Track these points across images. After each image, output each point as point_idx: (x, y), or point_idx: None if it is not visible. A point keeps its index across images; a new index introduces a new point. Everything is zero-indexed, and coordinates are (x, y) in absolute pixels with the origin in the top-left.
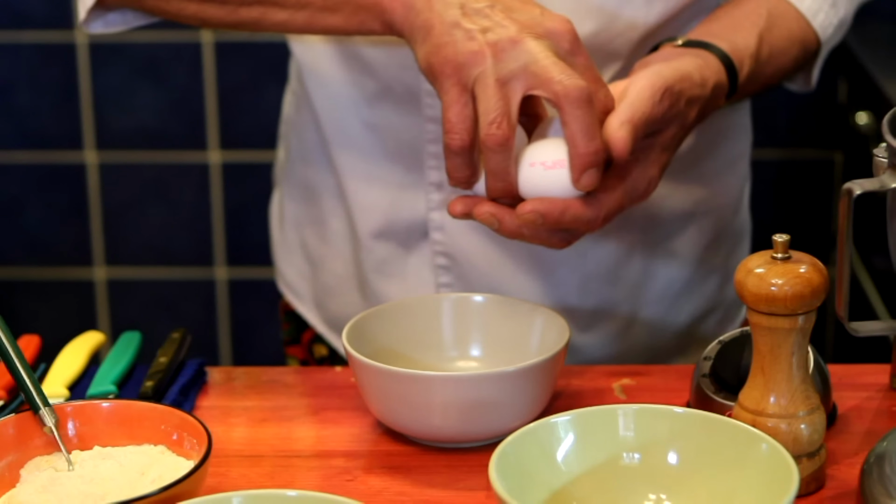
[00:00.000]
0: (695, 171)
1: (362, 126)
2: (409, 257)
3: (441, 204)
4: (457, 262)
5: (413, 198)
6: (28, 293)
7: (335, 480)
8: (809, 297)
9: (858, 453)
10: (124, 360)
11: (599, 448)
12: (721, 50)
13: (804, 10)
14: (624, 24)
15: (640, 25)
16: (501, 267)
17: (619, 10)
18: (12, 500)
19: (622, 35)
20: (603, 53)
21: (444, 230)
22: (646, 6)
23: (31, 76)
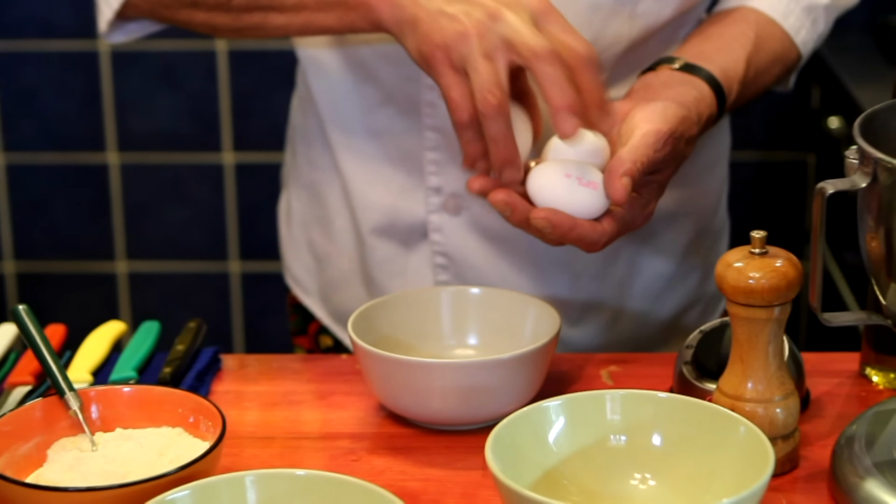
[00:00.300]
0: (677, 175)
1: (365, 132)
2: (410, 256)
3: (439, 207)
4: (454, 261)
5: (413, 201)
6: (54, 285)
7: (341, 460)
8: (785, 290)
9: (830, 435)
10: (144, 347)
11: (588, 430)
12: (713, 76)
13: (788, 27)
14: (609, 39)
15: (625, 40)
16: (496, 266)
17: (604, 27)
18: (40, 479)
19: (608, 49)
20: None
21: (443, 232)
22: (629, 22)
23: (57, 82)
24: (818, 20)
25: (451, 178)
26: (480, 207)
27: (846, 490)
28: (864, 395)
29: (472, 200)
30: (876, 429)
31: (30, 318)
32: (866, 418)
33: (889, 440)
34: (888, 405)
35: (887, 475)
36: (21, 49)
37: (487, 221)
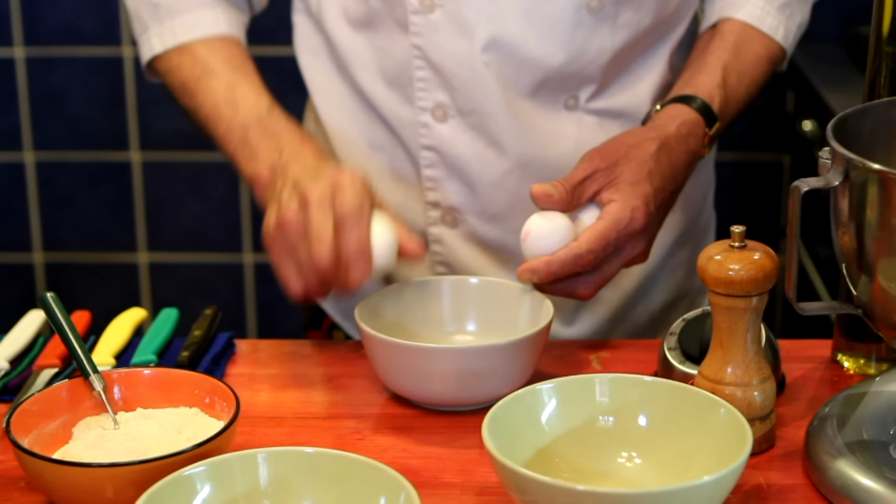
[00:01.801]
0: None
1: (367, 147)
2: (413, 265)
3: (437, 220)
4: (454, 269)
5: (413, 213)
6: (80, 275)
7: (347, 439)
8: (762, 281)
9: (804, 417)
10: (163, 333)
11: (578, 412)
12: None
13: (766, 29)
14: (593, 52)
15: (608, 51)
16: (494, 274)
17: (587, 42)
18: (66, 455)
19: (592, 62)
20: (577, 79)
21: (442, 243)
22: (611, 35)
23: (83, 85)
24: (794, 13)
25: (448, 193)
26: (476, 220)
27: (819, 468)
28: (835, 379)
29: (469, 214)
30: (847, 411)
31: (57, 305)
32: (838, 401)
33: (859, 421)
34: (858, 389)
35: (857, 454)
36: (50, 55)
37: (484, 233)
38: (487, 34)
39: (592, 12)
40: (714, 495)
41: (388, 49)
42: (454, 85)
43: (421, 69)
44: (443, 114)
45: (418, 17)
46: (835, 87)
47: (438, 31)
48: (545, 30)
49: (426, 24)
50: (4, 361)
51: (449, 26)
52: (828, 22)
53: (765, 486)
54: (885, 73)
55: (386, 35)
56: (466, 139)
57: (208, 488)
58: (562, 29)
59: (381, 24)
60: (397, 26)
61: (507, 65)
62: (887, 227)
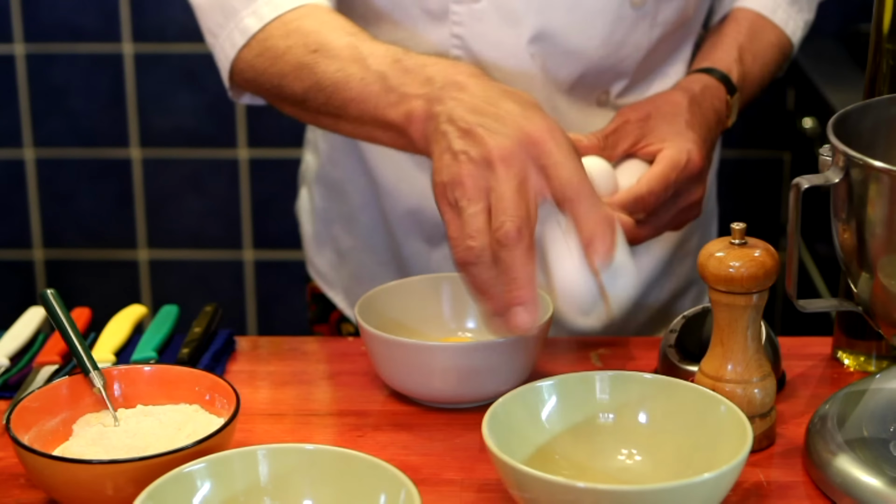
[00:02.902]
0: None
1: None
2: (433, 252)
3: None
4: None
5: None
6: (80, 272)
7: (348, 436)
8: (763, 278)
9: (804, 414)
10: (164, 330)
11: (578, 409)
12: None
13: (777, 21)
14: (630, 48)
15: (644, 46)
16: None
17: (627, 37)
18: (66, 452)
19: (629, 57)
20: (612, 74)
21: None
22: (649, 31)
23: (84, 82)
24: (802, 9)
25: None
26: None
27: (819, 465)
28: (836, 376)
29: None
30: (847, 408)
31: (57, 302)
32: (838, 398)
33: (859, 419)
34: (858, 386)
35: (857, 452)
36: (51, 51)
37: None
38: (535, 25)
39: (635, 7)
40: (714, 493)
41: (411, 40)
42: (495, 76)
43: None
44: None
45: (461, 7)
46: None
47: (484, 20)
48: (589, 22)
49: (470, 14)
50: (4, 358)
51: (496, 16)
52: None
53: (765, 483)
54: (886, 70)
55: (411, 26)
56: None
57: (208, 485)
58: (605, 22)
59: (411, 15)
60: (428, 17)
61: (551, 57)
62: (888, 225)
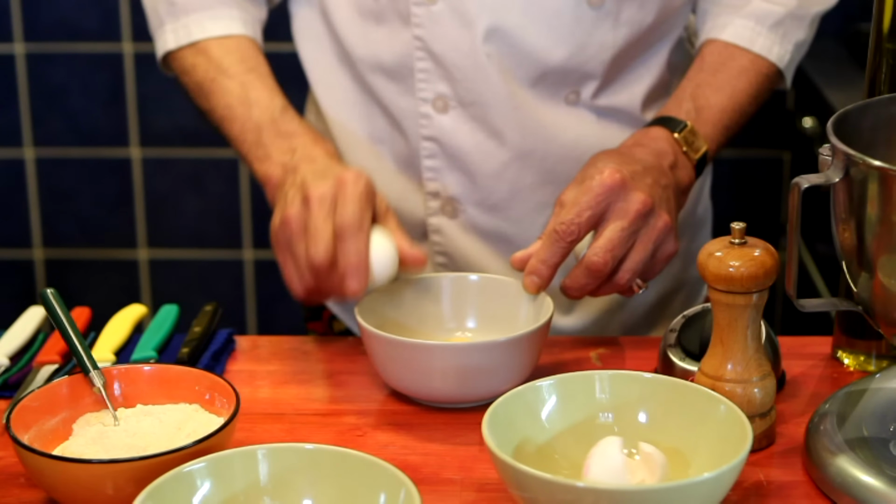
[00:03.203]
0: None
1: (368, 139)
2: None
3: (437, 210)
4: (454, 259)
5: (413, 203)
6: (80, 271)
7: (347, 436)
8: (762, 278)
9: (804, 414)
10: (163, 329)
11: (578, 408)
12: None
13: (757, 49)
14: (595, 47)
15: (610, 48)
16: (493, 263)
17: (589, 37)
18: (66, 451)
19: (594, 57)
20: (578, 75)
21: (442, 233)
22: (613, 31)
23: (83, 82)
24: (788, 32)
25: (448, 183)
26: (476, 210)
27: (819, 465)
28: (836, 376)
29: (469, 204)
30: (847, 408)
31: (57, 302)
32: (838, 398)
33: (859, 418)
34: (858, 386)
35: (857, 451)
36: (50, 51)
37: (483, 223)
38: (488, 25)
39: (593, 7)
40: (714, 492)
41: (388, 41)
42: (455, 76)
43: (422, 60)
44: (443, 105)
45: (420, 9)
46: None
47: (440, 22)
48: (545, 23)
49: (428, 16)
50: (4, 358)
51: (451, 17)
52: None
53: (765, 482)
54: (886, 70)
55: (388, 27)
56: (467, 130)
57: (208, 485)
58: (562, 23)
59: (385, 16)
60: (399, 19)
61: (508, 56)
62: (887, 224)
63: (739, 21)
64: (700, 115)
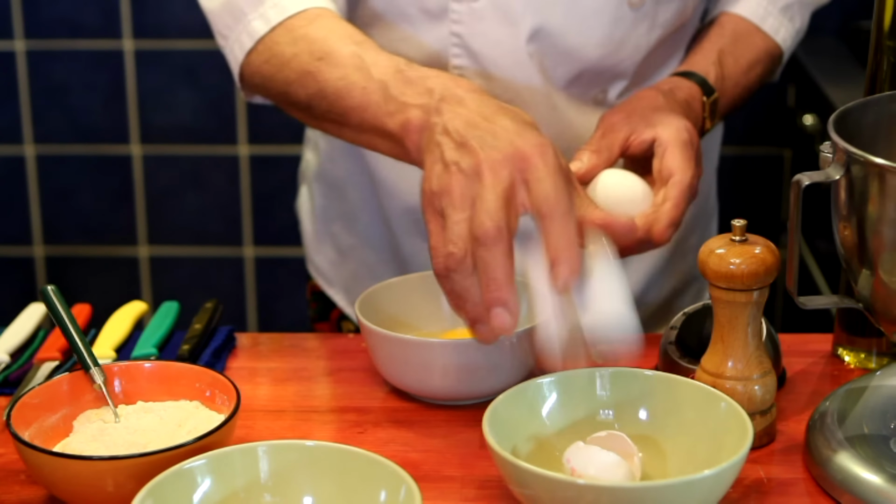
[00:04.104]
0: None
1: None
2: None
3: None
4: None
5: None
6: (80, 268)
7: (348, 433)
8: (763, 275)
9: (805, 411)
10: (164, 326)
11: (579, 405)
12: (691, 73)
13: (767, 28)
14: (630, 49)
15: (643, 48)
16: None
17: (626, 38)
18: (66, 448)
19: (629, 58)
20: (610, 74)
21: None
22: (648, 32)
23: (84, 79)
24: (794, 17)
25: None
26: None
27: (820, 462)
28: (836, 373)
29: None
30: (848, 405)
31: (58, 299)
32: (839, 395)
33: (860, 416)
34: (859, 383)
35: (858, 449)
36: (51, 48)
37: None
38: (533, 24)
39: (633, 8)
40: (714, 489)
41: (409, 41)
42: (493, 73)
43: (458, 57)
44: None
45: (460, 5)
46: (836, 82)
47: (483, 19)
48: (586, 21)
49: (469, 13)
50: (5, 354)
51: (494, 15)
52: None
53: (765, 480)
54: (886, 67)
55: (408, 25)
56: None
57: (209, 481)
58: (602, 22)
59: (409, 14)
60: (427, 16)
61: (549, 56)
62: (888, 221)
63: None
64: (723, 84)
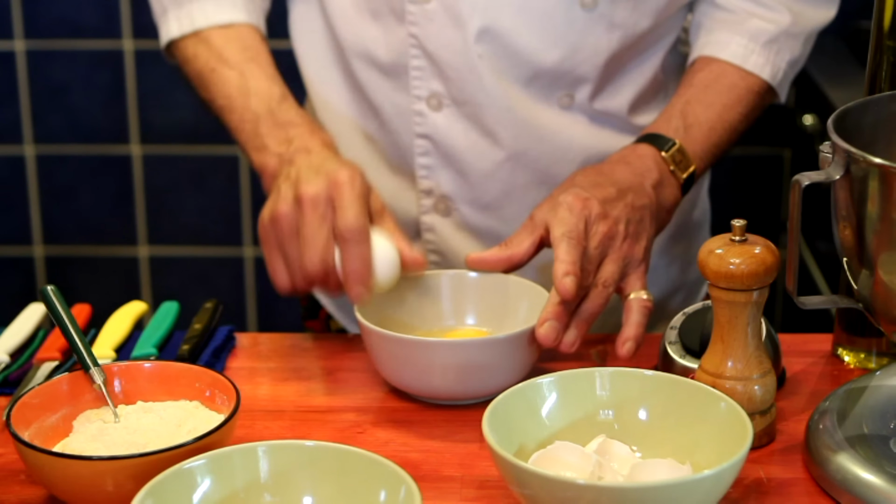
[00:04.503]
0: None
1: (361, 137)
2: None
3: (431, 209)
4: (446, 258)
5: (406, 202)
6: (80, 268)
7: (347, 433)
8: (763, 275)
9: (805, 411)
10: (164, 326)
11: (579, 405)
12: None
13: (750, 66)
14: (588, 50)
15: (604, 51)
16: None
17: (582, 40)
18: (66, 448)
19: (587, 61)
20: (571, 78)
21: (434, 231)
22: (607, 34)
23: (84, 79)
24: (782, 49)
25: (441, 181)
26: (469, 209)
27: (819, 462)
28: (836, 373)
29: (462, 203)
30: (847, 405)
31: (57, 299)
32: (838, 395)
33: (859, 416)
34: (859, 383)
35: (858, 448)
36: (51, 48)
37: (476, 222)
38: (480, 25)
39: (586, 9)
40: (714, 489)
41: (384, 37)
42: (449, 75)
43: (416, 58)
44: (437, 103)
45: (415, 7)
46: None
47: (434, 20)
48: (537, 24)
49: (422, 14)
50: (5, 354)
51: (444, 16)
52: None
53: (765, 480)
54: (886, 67)
55: (383, 23)
56: (460, 128)
57: (208, 481)
58: (554, 24)
59: (381, 12)
60: (394, 15)
61: (500, 57)
62: (888, 221)
63: (733, 38)
64: (689, 132)
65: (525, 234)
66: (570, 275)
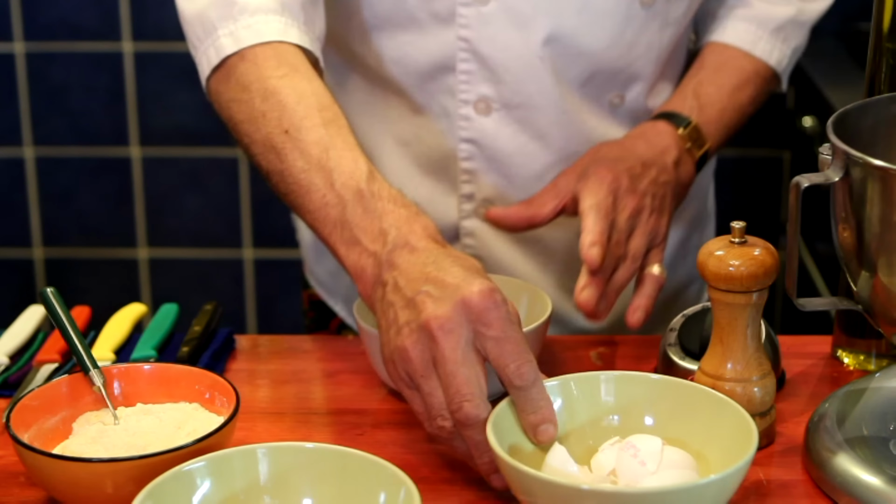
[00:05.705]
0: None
1: (394, 141)
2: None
3: (471, 213)
4: (486, 262)
5: (444, 206)
6: (80, 270)
7: (347, 434)
8: (762, 277)
9: (804, 413)
10: (163, 328)
11: (583, 410)
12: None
13: (758, 52)
14: (643, 47)
15: (656, 46)
16: (525, 266)
17: (638, 37)
18: (66, 450)
19: (642, 56)
20: (625, 76)
21: (474, 236)
22: (660, 31)
23: (83, 81)
24: (789, 37)
25: (484, 185)
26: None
27: (819, 464)
28: (835, 375)
29: (503, 206)
30: (847, 407)
31: (57, 301)
32: (838, 397)
33: (859, 418)
34: (858, 385)
35: (857, 450)
36: (50, 50)
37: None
38: (546, 28)
39: (645, 7)
40: (720, 494)
41: (419, 42)
42: (503, 78)
43: (466, 62)
44: (486, 107)
45: (468, 10)
46: (835, 84)
47: (491, 23)
48: (598, 23)
49: (477, 17)
50: (4, 356)
51: (504, 19)
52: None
53: (765, 481)
54: (886, 70)
55: (416, 29)
56: (509, 132)
57: (208, 484)
58: (615, 22)
59: (416, 18)
60: (435, 20)
61: (561, 58)
62: (887, 224)
63: (742, 24)
64: (703, 112)
65: (549, 197)
66: (597, 245)
